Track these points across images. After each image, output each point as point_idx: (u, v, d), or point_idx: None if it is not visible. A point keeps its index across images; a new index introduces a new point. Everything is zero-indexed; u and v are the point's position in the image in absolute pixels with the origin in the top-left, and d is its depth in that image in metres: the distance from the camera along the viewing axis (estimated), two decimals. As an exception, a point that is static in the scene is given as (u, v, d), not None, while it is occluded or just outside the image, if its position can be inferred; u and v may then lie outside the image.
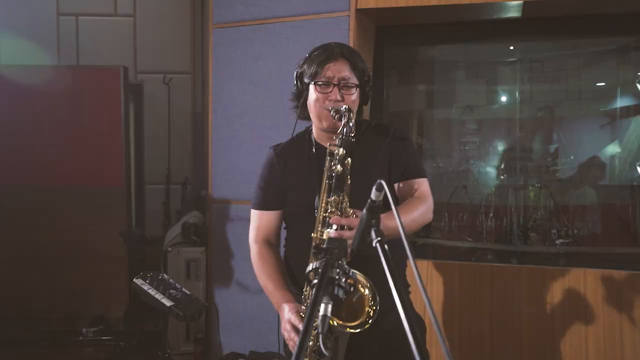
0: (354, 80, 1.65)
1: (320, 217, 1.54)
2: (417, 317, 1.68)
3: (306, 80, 1.72)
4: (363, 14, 2.78)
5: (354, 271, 1.17)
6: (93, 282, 3.60)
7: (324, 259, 1.12)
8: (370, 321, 1.41)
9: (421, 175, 1.71)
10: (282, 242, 1.81)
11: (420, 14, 2.84)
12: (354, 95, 1.65)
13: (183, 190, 4.65)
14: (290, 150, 1.81)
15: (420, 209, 1.63)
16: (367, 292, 1.41)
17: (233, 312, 2.93)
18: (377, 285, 1.42)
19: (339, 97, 1.62)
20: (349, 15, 2.70)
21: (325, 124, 1.66)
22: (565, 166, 4.26)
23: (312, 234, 1.55)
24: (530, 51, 4.04)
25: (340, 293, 1.12)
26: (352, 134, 1.54)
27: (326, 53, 1.68)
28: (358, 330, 1.40)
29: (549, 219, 3.72)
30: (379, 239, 1.09)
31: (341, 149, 1.52)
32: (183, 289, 1.99)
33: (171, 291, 1.95)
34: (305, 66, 1.74)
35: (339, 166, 1.51)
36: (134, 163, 4.39)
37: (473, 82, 4.46)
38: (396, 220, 1.41)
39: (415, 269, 0.98)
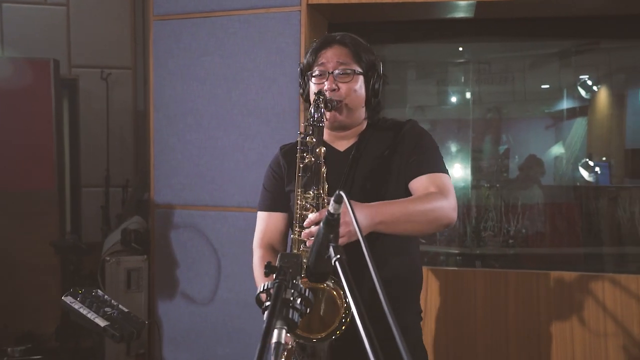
0: (353, 67, 1.48)
1: (297, 215, 1.40)
2: (422, 349, 1.57)
3: (306, 74, 1.56)
4: (315, 10, 2.66)
5: (309, 290, 1.04)
6: (20, 296, 3.30)
7: (276, 280, 0.99)
8: (342, 327, 1.29)
9: (438, 170, 1.49)
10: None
11: (372, 11, 2.75)
12: (356, 84, 1.49)
13: (124, 193, 4.39)
14: (295, 151, 1.62)
15: (434, 203, 1.39)
16: (335, 294, 1.29)
17: (178, 326, 2.74)
18: (370, 292, 1.31)
19: (333, 86, 1.46)
20: (300, 10, 2.57)
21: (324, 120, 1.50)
22: (515, 166, 4.32)
23: (291, 236, 1.43)
24: (479, 52, 4.06)
25: (296, 316, 0.99)
26: (322, 120, 1.40)
27: (322, 40, 1.53)
28: (332, 337, 1.28)
29: (500, 220, 3.74)
30: (338, 256, 0.97)
31: (311, 137, 1.39)
32: (120, 306, 1.80)
33: (106, 309, 1.75)
34: (304, 59, 1.57)
35: (311, 157, 1.37)
36: (69, 164, 4.10)
37: (424, 82, 4.45)
38: (392, 208, 1.31)
39: (373, 271, 0.87)
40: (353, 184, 1.49)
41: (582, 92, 4.15)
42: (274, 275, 1.05)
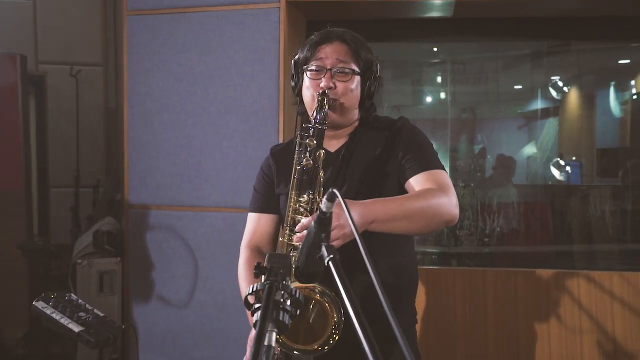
0: (351, 66, 1.44)
1: (289, 218, 1.35)
2: (416, 353, 1.55)
3: (300, 68, 1.51)
4: (293, 7, 2.62)
5: (299, 291, 1.01)
6: (-14, 300, 3.17)
7: (268, 281, 0.95)
8: (332, 341, 1.26)
9: (435, 166, 1.43)
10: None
11: (351, 9, 2.74)
12: (352, 84, 1.44)
13: (95, 194, 4.26)
14: (287, 151, 1.58)
15: (431, 200, 1.33)
16: (328, 305, 1.26)
17: (154, 329, 2.67)
18: (361, 296, 1.28)
19: (330, 84, 1.41)
20: (279, 7, 2.53)
21: (304, 124, 1.45)
22: (489, 166, 4.38)
23: (280, 239, 1.38)
24: (453, 53, 4.09)
25: (286, 318, 0.96)
26: (325, 122, 1.35)
27: (322, 35, 1.46)
28: (324, 348, 1.25)
29: (476, 219, 3.77)
30: (332, 256, 0.94)
31: (311, 139, 1.34)
32: (95, 311, 1.73)
33: (80, 314, 1.68)
34: (299, 52, 1.51)
35: (310, 160, 1.32)
36: (36, 164, 3.96)
37: (400, 82, 4.46)
38: (387, 205, 1.27)
39: (372, 271, 0.85)
40: (344, 185, 1.45)
41: (554, 93, 4.23)
42: (264, 277, 1.01)
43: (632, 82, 3.79)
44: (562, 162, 4.21)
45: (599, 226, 3.60)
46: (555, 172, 4.20)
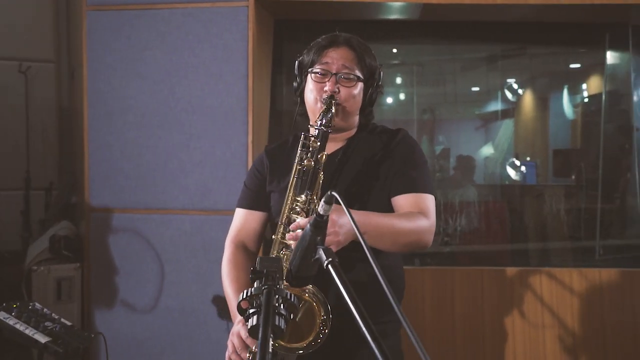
0: (356, 72, 1.44)
1: (285, 217, 1.34)
2: (400, 356, 1.53)
3: (304, 70, 1.50)
4: (262, 5, 2.59)
5: (295, 294, 0.99)
6: None
7: (265, 286, 0.93)
8: (319, 340, 1.24)
9: (425, 190, 1.45)
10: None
11: (318, 9, 2.74)
12: (355, 90, 1.44)
13: (47, 196, 4.06)
14: (282, 150, 1.57)
15: (417, 223, 1.35)
16: (316, 305, 1.24)
17: (118, 336, 2.57)
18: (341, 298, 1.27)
19: (335, 88, 1.40)
20: (247, 6, 2.50)
21: (310, 124, 1.44)
22: (449, 166, 4.47)
23: (273, 236, 1.35)
24: (412, 54, 4.15)
25: (282, 323, 0.94)
26: (330, 125, 1.34)
27: (329, 39, 1.46)
28: (305, 349, 1.23)
29: (438, 219, 3.84)
30: (330, 259, 0.93)
31: (315, 141, 1.33)
32: (62, 320, 1.65)
33: (46, 324, 1.60)
34: (305, 54, 1.50)
35: (311, 161, 1.31)
36: (-18, 165, 3.74)
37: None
38: (379, 221, 1.28)
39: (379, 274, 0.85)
40: (336, 188, 1.45)
41: (509, 95, 4.37)
42: (257, 282, 0.99)
43: (584, 86, 3.96)
44: (517, 163, 4.34)
45: (555, 224, 3.74)
46: (511, 172, 4.32)
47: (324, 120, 1.35)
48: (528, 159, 4.46)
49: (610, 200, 3.40)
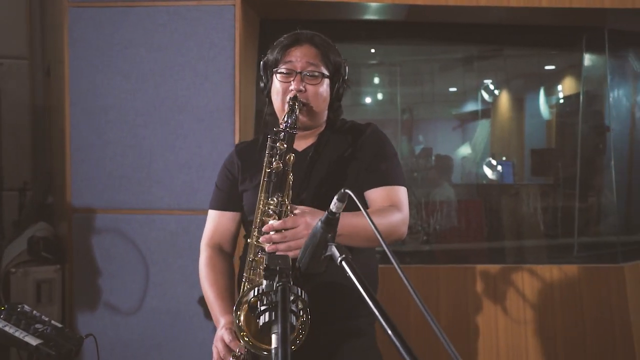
0: (321, 69, 1.44)
1: (258, 220, 1.34)
2: (376, 352, 1.54)
3: (269, 70, 1.50)
4: (248, 5, 2.59)
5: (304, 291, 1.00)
6: None
7: (280, 283, 0.94)
8: (298, 342, 1.24)
9: (397, 182, 1.47)
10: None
11: (304, 9, 2.75)
12: (321, 87, 1.44)
13: (21, 197, 3.96)
14: (252, 149, 1.57)
15: (391, 218, 1.38)
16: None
17: (102, 338, 2.50)
18: (324, 297, 1.28)
19: (300, 87, 1.41)
20: (234, 5, 2.49)
21: (274, 128, 1.43)
22: (428, 166, 4.53)
23: (248, 240, 1.35)
24: (390, 55, 4.20)
25: (293, 320, 0.95)
26: (296, 126, 1.35)
27: (292, 37, 1.46)
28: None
29: (419, 218, 3.89)
30: (344, 256, 0.94)
31: (282, 143, 1.33)
32: (52, 322, 1.62)
33: (36, 326, 1.56)
34: (269, 54, 1.49)
35: (279, 163, 1.32)
36: (-49, 165, 3.62)
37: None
38: (354, 221, 1.28)
39: (403, 275, 0.88)
40: (309, 186, 1.46)
41: (485, 96, 4.45)
42: (266, 280, 0.99)
43: (559, 87, 4.07)
44: (494, 162, 4.43)
45: (533, 222, 3.83)
46: (488, 172, 4.41)
47: (289, 122, 1.35)
48: (504, 158, 4.56)
49: (586, 199, 3.50)
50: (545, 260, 3.43)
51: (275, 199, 1.34)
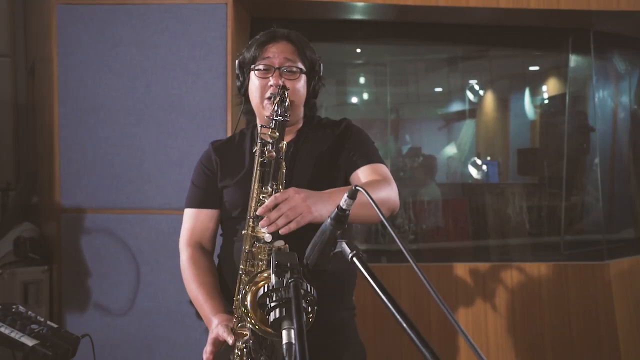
0: (298, 65, 1.46)
1: (252, 211, 1.34)
2: (359, 345, 1.56)
3: (245, 68, 1.51)
4: (239, 4, 2.58)
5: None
6: None
7: (292, 279, 0.94)
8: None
9: (379, 160, 1.52)
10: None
11: (295, 9, 2.76)
12: (299, 83, 1.47)
13: (4, 197, 3.89)
14: (229, 146, 1.58)
15: (386, 190, 1.41)
16: None
17: (92, 340, 2.49)
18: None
19: (280, 82, 1.42)
20: (226, 3, 2.48)
21: (267, 114, 1.44)
22: (414, 165, 4.56)
23: (243, 232, 1.35)
24: (376, 55, 4.22)
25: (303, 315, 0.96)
26: (287, 114, 1.35)
27: (268, 35, 1.48)
28: None
29: (408, 217, 3.92)
30: (354, 252, 0.95)
31: (274, 132, 1.34)
32: (48, 322, 1.60)
33: (32, 326, 1.54)
34: (245, 52, 1.51)
35: (272, 152, 1.32)
36: None
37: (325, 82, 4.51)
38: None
39: (420, 272, 0.90)
40: (292, 181, 1.46)
41: (471, 96, 4.50)
42: (275, 276, 0.99)
43: (544, 88, 4.13)
44: (479, 162, 4.48)
45: (518, 221, 3.88)
46: (473, 171, 4.46)
47: (279, 110, 1.35)
48: (489, 158, 4.61)
49: (571, 198, 3.57)
50: (532, 258, 3.49)
51: (269, 188, 1.34)
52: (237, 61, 1.53)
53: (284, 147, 1.36)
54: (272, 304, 0.95)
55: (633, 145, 3.62)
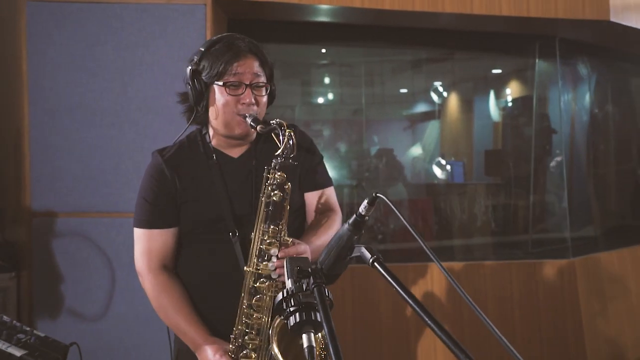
0: (264, 78, 1.46)
1: (256, 248, 1.36)
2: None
3: (205, 80, 1.44)
4: (217, 5, 2.56)
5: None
6: None
7: (315, 284, 0.95)
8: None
9: (328, 184, 1.61)
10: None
11: (272, 10, 2.76)
12: (265, 97, 1.47)
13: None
14: (181, 157, 1.51)
15: (335, 225, 1.54)
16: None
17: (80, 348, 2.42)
18: None
19: (252, 100, 1.42)
20: (205, 4, 2.45)
21: (237, 131, 1.44)
22: (379, 165, 4.62)
23: (245, 268, 1.36)
24: (341, 55, 4.26)
25: (319, 317, 0.98)
26: (293, 155, 1.36)
27: (232, 49, 1.42)
28: None
29: (374, 218, 3.97)
30: (375, 256, 0.97)
31: (282, 175, 1.37)
32: (34, 331, 1.54)
33: (19, 336, 1.49)
34: (204, 63, 1.44)
35: (277, 193, 1.35)
36: None
37: (289, 82, 4.53)
38: (318, 242, 1.41)
39: (445, 271, 0.92)
40: (257, 194, 1.45)
41: (435, 98, 4.60)
42: (291, 281, 1.00)
43: (507, 91, 4.28)
44: (443, 162, 4.58)
45: (483, 220, 4.01)
46: (437, 172, 4.56)
47: (285, 152, 1.36)
48: (453, 158, 4.73)
49: (534, 197, 3.71)
50: (500, 257, 3.61)
51: (273, 226, 1.37)
52: (189, 69, 1.46)
53: (289, 187, 1.38)
54: (292, 309, 0.97)
55: (593, 146, 3.81)
